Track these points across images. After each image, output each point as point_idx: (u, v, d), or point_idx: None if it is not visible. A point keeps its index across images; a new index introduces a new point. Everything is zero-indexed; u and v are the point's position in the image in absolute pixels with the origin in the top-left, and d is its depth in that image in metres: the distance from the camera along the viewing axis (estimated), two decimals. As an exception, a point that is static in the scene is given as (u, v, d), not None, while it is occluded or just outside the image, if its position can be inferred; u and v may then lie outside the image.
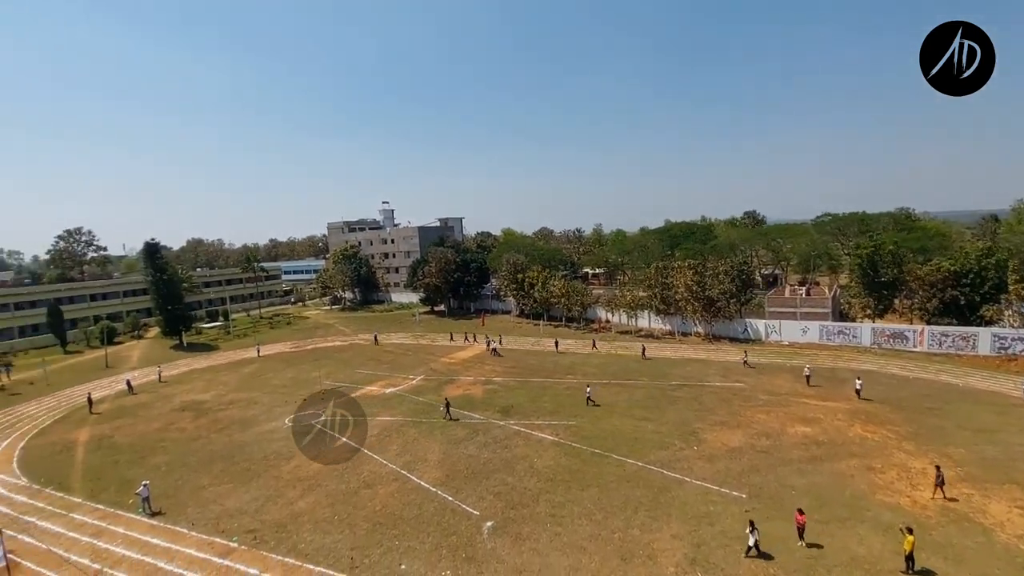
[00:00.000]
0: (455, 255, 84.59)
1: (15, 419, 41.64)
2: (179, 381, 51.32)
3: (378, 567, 19.99)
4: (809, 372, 41.60)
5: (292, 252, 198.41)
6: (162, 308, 70.35)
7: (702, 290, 58.22)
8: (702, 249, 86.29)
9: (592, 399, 38.13)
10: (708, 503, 23.44)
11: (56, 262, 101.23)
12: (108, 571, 20.57)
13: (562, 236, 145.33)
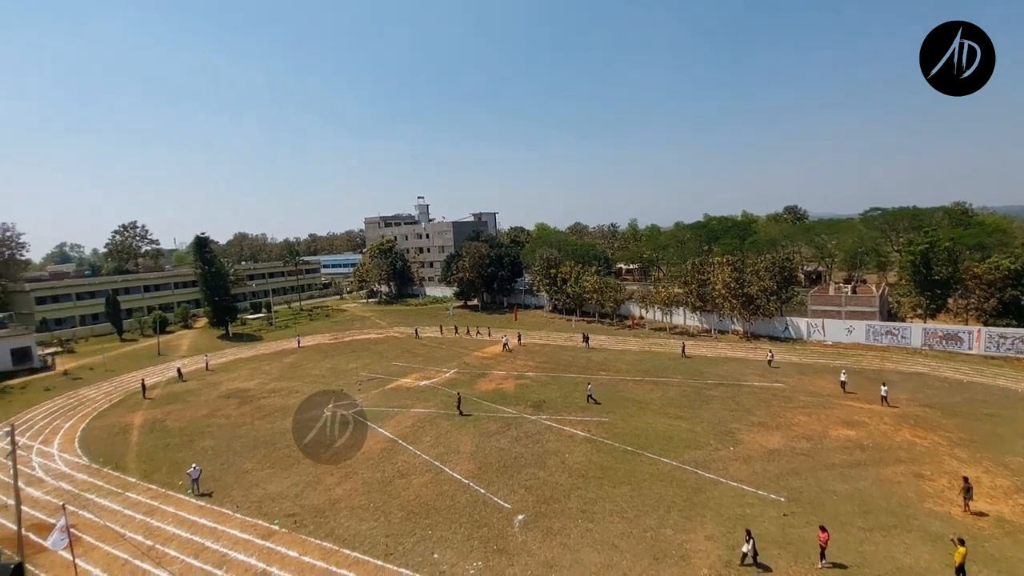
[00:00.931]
0: (489, 250, 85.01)
1: (77, 402, 44.44)
2: (225, 370, 53.60)
3: (411, 555, 20.47)
4: (845, 378, 38.69)
5: (331, 246, 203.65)
6: (210, 299, 73.49)
7: (741, 287, 56.69)
8: (741, 245, 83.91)
9: (593, 397, 37.96)
10: (744, 505, 22.94)
11: (113, 255, 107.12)
12: (160, 548, 21.80)
13: (596, 231, 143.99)
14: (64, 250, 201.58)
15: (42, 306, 75.29)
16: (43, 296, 76.29)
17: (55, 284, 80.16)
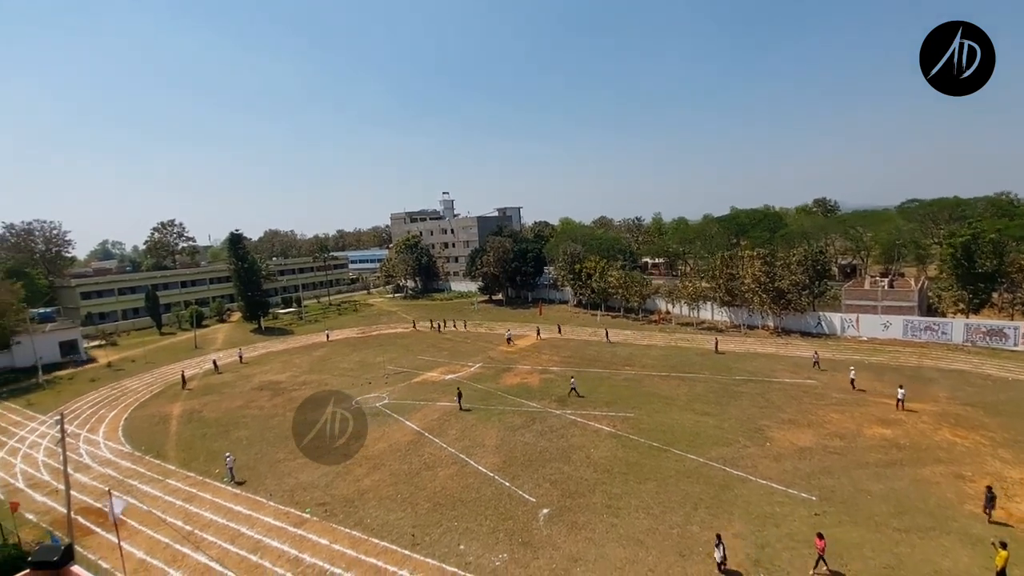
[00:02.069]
0: (513, 244, 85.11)
1: (120, 392, 46.47)
2: (258, 362, 55.22)
3: (438, 545, 20.82)
4: (855, 375, 37.57)
5: (358, 242, 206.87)
6: (243, 294, 75.70)
7: (771, 281, 55.38)
8: (771, 238, 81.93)
9: (576, 390, 38.12)
10: (774, 504, 22.55)
11: (152, 252, 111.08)
12: (198, 533, 22.72)
13: (621, 225, 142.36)
14: (106, 247, 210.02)
15: (87, 301, 78.79)
16: (88, 291, 79.81)
17: (99, 280, 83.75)
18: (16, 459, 32.57)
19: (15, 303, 56.96)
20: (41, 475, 30.08)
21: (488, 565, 19.44)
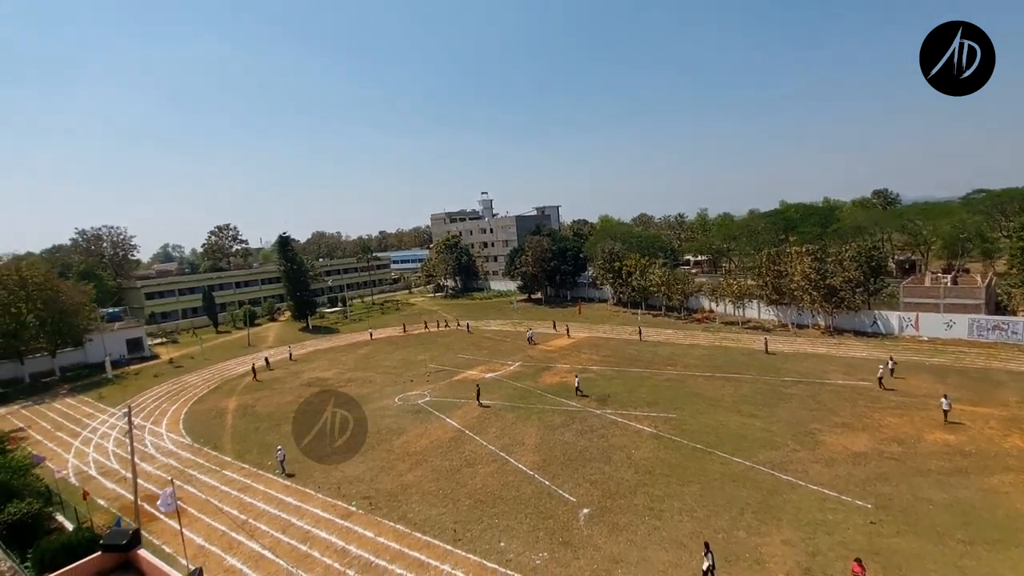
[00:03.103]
0: (551, 243, 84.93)
1: (181, 388, 49.28)
2: (306, 360, 57.34)
3: (479, 542, 21.10)
4: (882, 372, 36.34)
5: (400, 243, 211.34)
6: (292, 294, 78.80)
7: (822, 278, 53.01)
8: (822, 233, 78.42)
9: (581, 389, 38.15)
10: (825, 510, 21.66)
11: (209, 254, 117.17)
12: (252, 522, 23.86)
13: (662, 222, 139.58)
14: (168, 250, 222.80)
15: (150, 301, 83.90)
16: (151, 292, 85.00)
17: (161, 281, 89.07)
18: (89, 448, 35.11)
19: (87, 303, 61.37)
20: (111, 464, 32.33)
21: (528, 563, 19.56)
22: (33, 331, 53.55)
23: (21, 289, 52.87)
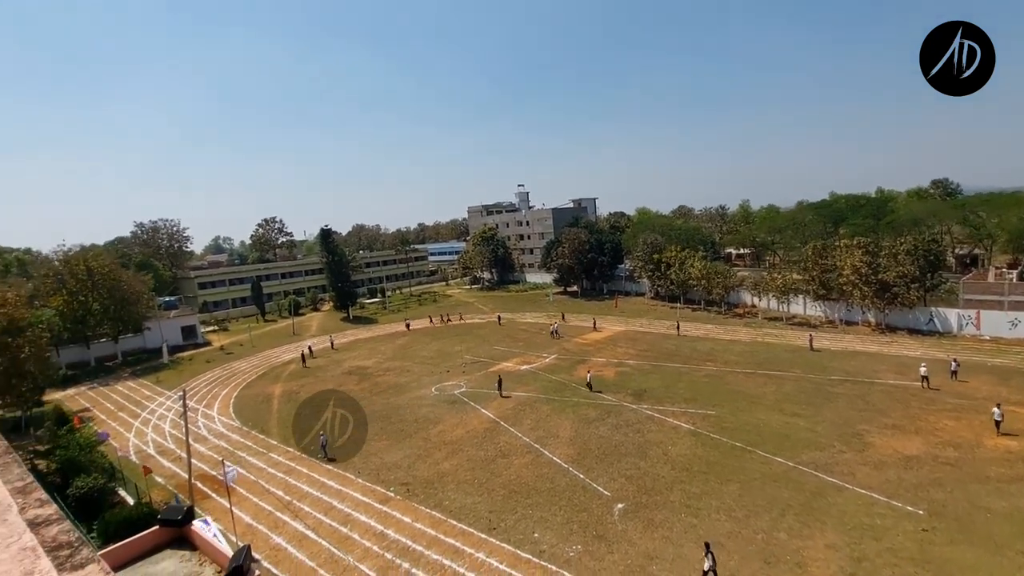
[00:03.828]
0: (588, 236, 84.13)
1: (230, 373, 51.67)
2: (347, 349, 59.04)
3: (513, 531, 21.36)
4: (925, 371, 34.63)
5: (437, 235, 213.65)
6: (334, 285, 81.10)
7: (874, 273, 50.53)
8: (875, 225, 74.64)
9: (591, 384, 37.78)
10: (873, 515, 20.83)
11: (256, 246, 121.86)
12: (296, 503, 24.90)
13: (703, 214, 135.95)
14: (218, 242, 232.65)
15: (203, 290, 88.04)
16: (204, 282, 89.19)
17: (212, 272, 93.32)
18: (148, 429, 37.38)
19: (146, 292, 65.02)
20: (167, 444, 34.33)
21: (562, 555, 19.67)
22: (98, 318, 57.13)
23: (88, 278, 56.46)
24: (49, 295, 56.57)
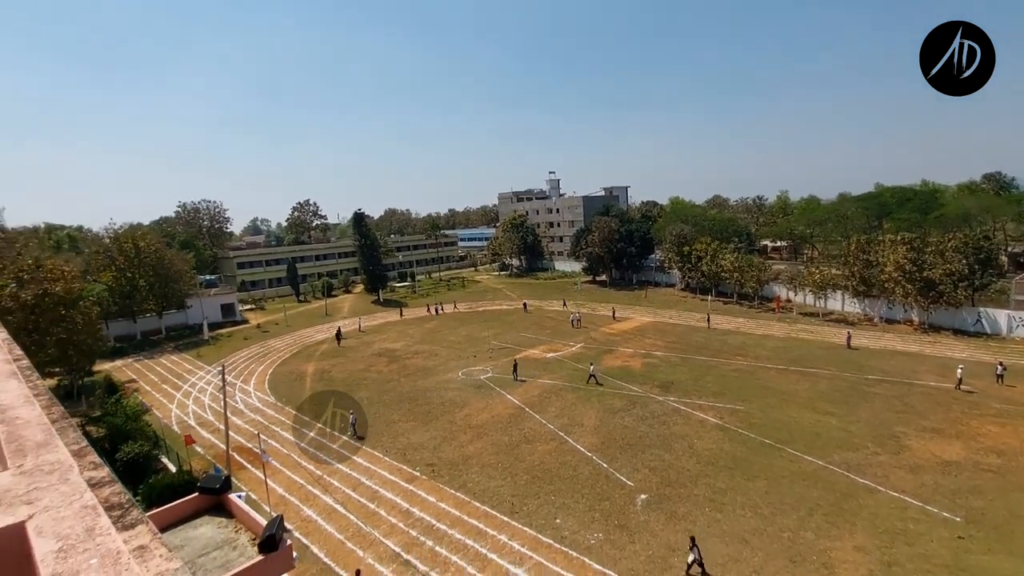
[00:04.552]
0: (619, 225, 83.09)
1: (267, 351, 53.49)
2: (376, 331, 60.26)
3: (535, 516, 21.63)
4: (961, 373, 33.54)
5: (467, 221, 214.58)
6: (365, 268, 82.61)
7: (919, 270, 48.37)
8: (921, 220, 71.28)
9: (596, 377, 37.59)
10: (906, 519, 20.24)
11: (292, 228, 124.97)
12: (326, 479, 25.77)
13: (738, 204, 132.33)
14: (256, 223, 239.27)
15: (242, 270, 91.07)
16: (242, 262, 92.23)
17: (250, 252, 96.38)
18: (189, 401, 39.15)
19: (188, 271, 67.65)
20: (207, 416, 35.91)
21: (583, 542, 19.84)
22: (144, 294, 59.88)
23: (136, 256, 59.11)
24: (99, 271, 59.62)
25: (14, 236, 60.86)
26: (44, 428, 3.26)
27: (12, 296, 35.57)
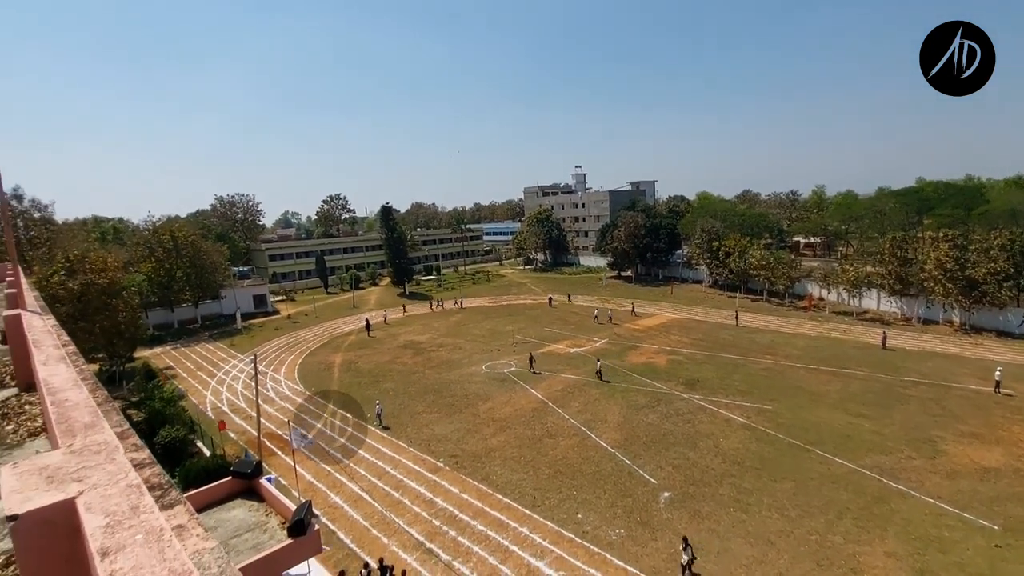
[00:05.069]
0: (645, 220, 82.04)
1: (296, 341, 54.84)
2: (402, 323, 61.10)
3: (557, 510, 21.72)
4: (1000, 376, 32.42)
5: (492, 215, 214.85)
6: (392, 261, 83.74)
7: (961, 268, 46.38)
8: (965, 216, 68.18)
9: (600, 374, 37.45)
10: (941, 526, 19.59)
11: (321, 221, 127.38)
12: (353, 467, 26.36)
13: (770, 199, 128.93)
14: (287, 216, 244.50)
15: (273, 262, 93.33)
16: (274, 254, 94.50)
17: (281, 245, 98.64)
18: (223, 388, 40.49)
19: (222, 262, 69.78)
20: (239, 403, 37.10)
21: (604, 537, 19.84)
22: (181, 284, 62.07)
23: (174, 247, 61.27)
24: (140, 262, 61.97)
25: (64, 229, 63.73)
26: (91, 410, 3.47)
27: (61, 285, 37.34)
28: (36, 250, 51.83)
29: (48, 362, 5.21)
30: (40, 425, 5.86)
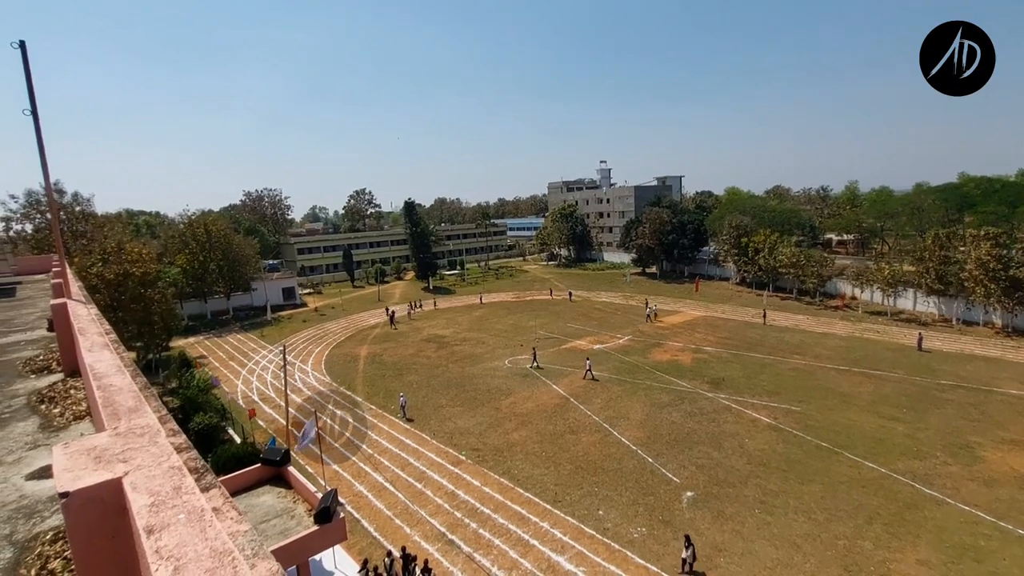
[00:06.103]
0: (671, 216, 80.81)
1: (323, 333, 55.95)
2: (425, 317, 61.70)
3: (578, 506, 21.72)
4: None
5: (516, 210, 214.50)
6: (416, 256, 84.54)
7: (1004, 268, 44.41)
8: (1010, 214, 65.16)
9: (591, 372, 37.04)
10: (977, 535, 18.90)
11: (348, 216, 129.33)
12: (377, 457, 26.83)
13: (801, 195, 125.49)
14: (315, 211, 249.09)
15: (301, 256, 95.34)
16: (302, 248, 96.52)
17: (310, 239, 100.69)
18: (253, 378, 41.62)
19: (253, 255, 71.54)
20: (268, 392, 38.09)
21: (626, 535, 19.76)
22: (214, 276, 63.95)
23: (207, 240, 63.11)
24: (175, 254, 64.00)
25: (102, 221, 66.20)
26: (134, 395, 3.64)
27: (98, 275, 38.86)
28: (76, 241, 54.03)
29: (93, 348, 5.46)
30: (84, 409, 6.15)
